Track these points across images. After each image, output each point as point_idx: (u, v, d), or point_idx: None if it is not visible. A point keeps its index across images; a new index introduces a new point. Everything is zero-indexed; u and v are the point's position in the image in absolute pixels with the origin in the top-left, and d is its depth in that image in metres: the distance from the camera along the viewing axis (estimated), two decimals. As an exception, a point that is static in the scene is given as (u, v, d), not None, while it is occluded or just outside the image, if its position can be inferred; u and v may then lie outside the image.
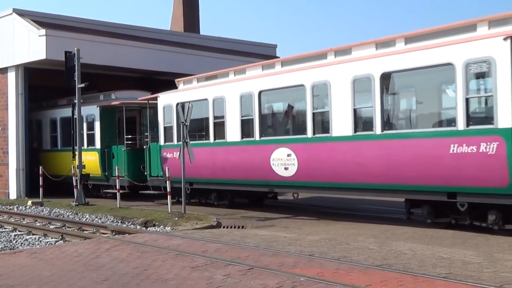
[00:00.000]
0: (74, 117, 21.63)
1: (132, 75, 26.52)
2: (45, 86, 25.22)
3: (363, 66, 13.40)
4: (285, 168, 15.13)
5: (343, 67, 13.88)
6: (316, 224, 14.44)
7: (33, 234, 14.48)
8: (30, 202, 20.91)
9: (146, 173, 20.45)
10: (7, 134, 24.45)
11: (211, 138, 17.61)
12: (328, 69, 14.25)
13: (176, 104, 18.48)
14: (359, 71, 13.44)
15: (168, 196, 17.00)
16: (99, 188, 23.18)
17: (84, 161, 20.76)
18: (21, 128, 24.01)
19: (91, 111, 22.74)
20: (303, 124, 14.89)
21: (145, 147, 20.79)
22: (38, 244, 13.25)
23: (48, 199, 21.47)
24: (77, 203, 19.76)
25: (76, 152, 20.79)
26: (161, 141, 19.49)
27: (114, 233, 13.63)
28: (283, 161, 15.15)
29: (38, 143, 26.10)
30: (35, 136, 26.07)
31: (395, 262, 8.64)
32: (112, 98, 23.12)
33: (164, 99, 19.44)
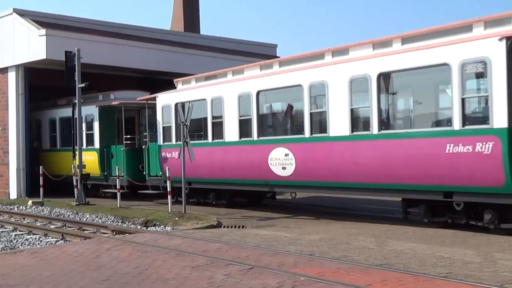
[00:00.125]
0: (74, 117, 21.65)
1: (133, 75, 26.51)
2: (45, 86, 25.21)
3: (360, 66, 13.45)
4: (282, 168, 15.16)
5: (340, 67, 13.94)
6: (317, 223, 14.45)
7: (33, 234, 14.48)
8: (30, 202, 20.92)
9: (145, 172, 20.48)
10: (8, 134, 24.46)
11: (210, 138, 17.65)
12: (326, 69, 14.31)
13: (175, 104, 18.55)
14: (356, 71, 13.49)
15: (169, 195, 17.00)
16: (98, 188, 23.20)
17: (83, 161, 20.77)
18: (21, 128, 24.02)
19: (90, 111, 22.75)
20: (301, 124, 14.96)
21: (144, 147, 20.82)
22: (38, 244, 13.25)
23: (48, 199, 21.48)
24: (77, 203, 19.76)
25: (77, 152, 20.80)
26: (159, 141, 19.53)
27: (114, 233, 13.63)
28: (281, 161, 15.18)
29: (38, 143, 26.12)
30: (35, 136, 26.08)
31: (396, 261, 8.65)
32: (111, 98, 23.13)
33: (162, 99, 19.48)
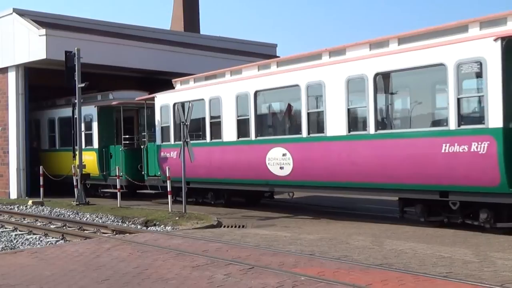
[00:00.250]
0: (74, 117, 21.65)
1: (133, 75, 26.49)
2: (45, 86, 25.21)
3: (357, 66, 13.50)
4: (280, 168, 15.19)
5: (337, 68, 13.98)
6: (317, 223, 14.45)
7: (33, 234, 14.49)
8: (30, 202, 20.91)
9: (143, 172, 20.51)
10: (8, 134, 24.44)
11: (208, 138, 17.68)
12: (323, 69, 14.35)
13: (173, 104, 18.60)
14: (353, 71, 13.54)
15: (169, 195, 17.01)
16: (96, 188, 23.20)
17: (82, 161, 20.77)
18: (21, 128, 24.01)
19: (89, 111, 22.74)
20: (298, 124, 15.01)
21: (142, 147, 20.85)
22: (38, 243, 13.26)
23: (48, 198, 21.48)
24: (77, 203, 19.76)
25: (77, 152, 20.80)
26: (158, 141, 19.57)
27: (114, 232, 13.64)
28: (279, 160, 15.22)
29: (37, 143, 26.12)
30: (34, 136, 26.08)
31: (396, 261, 8.65)
32: (110, 98, 23.15)
33: (161, 99, 19.51)
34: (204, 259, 9.07)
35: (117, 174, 19.75)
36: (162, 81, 23.45)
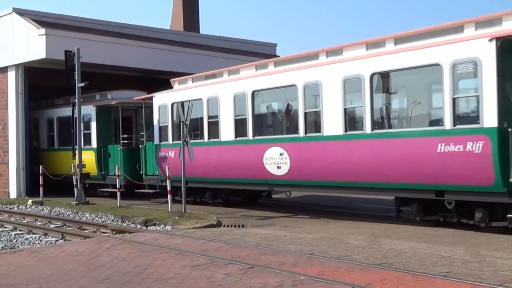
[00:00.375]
0: (74, 116, 21.64)
1: (132, 75, 26.48)
2: (45, 85, 25.19)
3: (354, 66, 13.55)
4: (277, 167, 15.23)
5: (334, 68, 14.03)
6: (316, 223, 14.46)
7: (33, 233, 14.48)
8: (30, 201, 20.91)
9: (141, 172, 20.53)
10: (7, 133, 24.44)
11: (206, 138, 17.71)
12: (320, 69, 14.40)
13: (171, 104, 18.63)
14: (350, 71, 13.60)
15: (169, 195, 17.01)
16: (95, 187, 23.19)
17: (81, 160, 20.79)
18: (21, 127, 24.01)
19: (88, 110, 22.74)
20: (295, 124, 15.06)
21: (141, 147, 20.86)
22: (38, 243, 13.25)
23: (48, 198, 21.48)
24: (77, 202, 19.76)
25: (77, 152, 20.80)
26: (156, 140, 19.59)
27: (114, 232, 13.63)
28: (276, 160, 15.26)
29: (37, 142, 26.11)
30: (33, 136, 26.06)
31: (396, 261, 8.65)
32: (109, 98, 23.15)
33: (159, 99, 19.55)
34: (204, 258, 9.07)
35: (117, 174, 19.76)
36: (162, 80, 23.43)
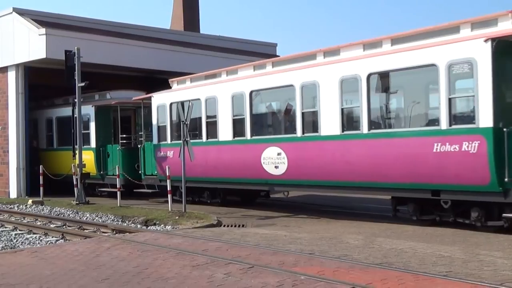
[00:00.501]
0: (74, 116, 21.64)
1: (133, 74, 26.48)
2: (45, 85, 25.20)
3: (351, 66, 13.59)
4: (275, 167, 15.25)
5: (331, 68, 14.07)
6: (317, 222, 14.46)
7: (33, 233, 14.48)
8: (30, 201, 20.91)
9: (140, 171, 20.54)
10: (7, 133, 24.45)
11: (204, 137, 17.73)
12: (317, 69, 14.44)
13: (170, 104, 18.64)
14: (347, 71, 13.64)
15: (169, 194, 17.00)
16: (94, 187, 23.18)
17: (80, 160, 20.79)
18: (21, 127, 24.02)
19: (86, 110, 22.72)
20: (293, 124, 15.10)
21: (139, 146, 20.87)
22: (38, 243, 13.25)
23: (48, 198, 21.48)
24: (77, 202, 19.76)
25: (77, 151, 20.80)
26: (155, 140, 19.60)
27: (114, 232, 13.63)
28: (274, 160, 15.29)
29: (37, 142, 26.11)
30: (33, 135, 26.06)
31: (396, 260, 8.65)
32: (107, 98, 23.17)
33: (158, 99, 19.57)
34: (204, 258, 9.07)
35: (117, 174, 19.75)
36: (162, 80, 23.44)
